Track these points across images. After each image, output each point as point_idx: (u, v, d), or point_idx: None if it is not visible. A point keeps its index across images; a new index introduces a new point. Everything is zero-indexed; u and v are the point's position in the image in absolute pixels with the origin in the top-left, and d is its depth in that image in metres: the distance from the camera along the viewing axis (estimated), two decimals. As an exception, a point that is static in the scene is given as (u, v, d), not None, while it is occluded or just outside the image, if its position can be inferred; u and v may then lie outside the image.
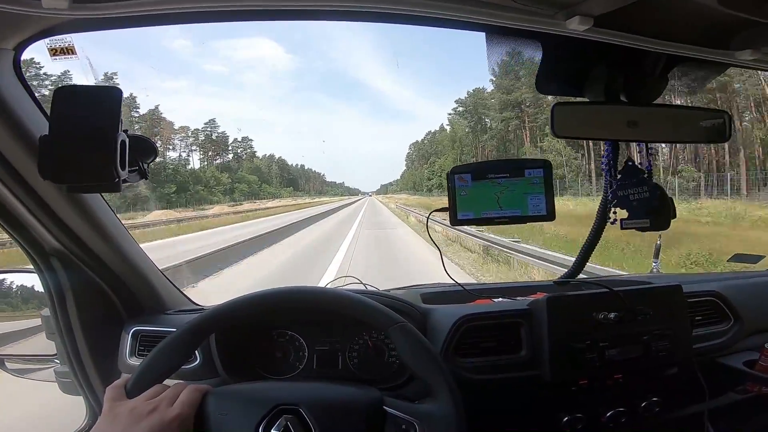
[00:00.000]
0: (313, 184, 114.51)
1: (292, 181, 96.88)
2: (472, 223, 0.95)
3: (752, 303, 1.16)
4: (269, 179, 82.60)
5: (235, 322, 0.85)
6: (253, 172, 75.61)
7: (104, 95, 0.71)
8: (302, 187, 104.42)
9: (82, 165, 0.70)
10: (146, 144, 0.83)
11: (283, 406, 0.68)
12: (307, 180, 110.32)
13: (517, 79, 46.74)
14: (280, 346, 1.05)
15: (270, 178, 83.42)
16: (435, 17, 0.74)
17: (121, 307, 1.08)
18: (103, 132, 0.69)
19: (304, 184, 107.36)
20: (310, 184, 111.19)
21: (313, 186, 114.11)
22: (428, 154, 74.83)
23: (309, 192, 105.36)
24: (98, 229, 0.95)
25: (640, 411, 0.99)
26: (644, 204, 0.99)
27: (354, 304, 0.81)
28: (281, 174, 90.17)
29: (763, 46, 0.81)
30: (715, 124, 0.95)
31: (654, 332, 0.95)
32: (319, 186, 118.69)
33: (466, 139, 55.45)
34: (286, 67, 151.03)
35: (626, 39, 0.79)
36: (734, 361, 1.08)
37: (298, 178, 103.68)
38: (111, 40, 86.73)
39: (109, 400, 0.68)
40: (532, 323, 0.96)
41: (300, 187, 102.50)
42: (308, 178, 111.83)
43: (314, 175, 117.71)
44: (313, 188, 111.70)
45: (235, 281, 7.68)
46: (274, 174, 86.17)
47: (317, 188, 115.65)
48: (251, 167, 75.81)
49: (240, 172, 71.59)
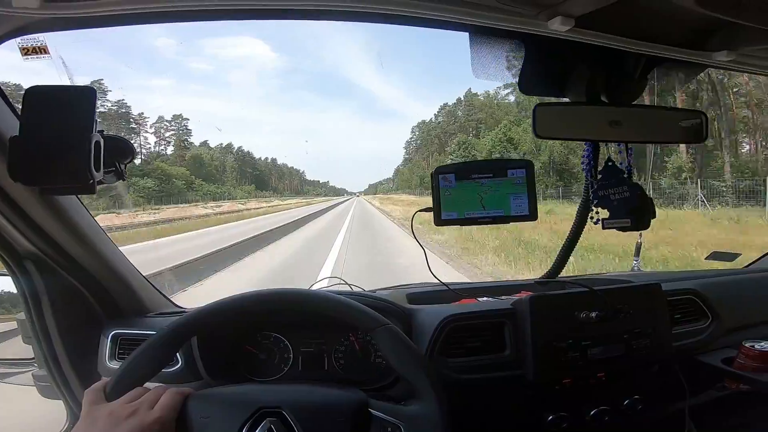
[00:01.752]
0: (290, 183, 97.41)
1: (258, 179, 79.69)
2: (456, 223, 0.95)
3: (729, 301, 1.19)
4: (217, 174, 63.23)
5: (218, 325, 0.84)
6: (192, 163, 55.98)
7: (78, 95, 0.69)
8: (274, 185, 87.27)
9: (55, 167, 0.68)
10: (123, 145, 0.81)
11: (266, 408, 0.67)
12: (280, 177, 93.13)
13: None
14: (265, 348, 1.04)
15: (218, 173, 64.25)
16: (419, 17, 0.74)
17: (99, 310, 1.06)
18: (77, 133, 0.68)
19: (277, 182, 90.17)
20: (284, 183, 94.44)
21: (290, 184, 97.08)
22: (448, 133, 55.09)
23: (282, 192, 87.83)
24: (74, 231, 0.93)
25: (622, 409, 1.01)
26: (625, 204, 1.00)
27: (339, 306, 0.81)
28: (241, 169, 73.14)
29: (739, 47, 0.83)
30: (693, 125, 0.97)
31: (635, 330, 0.96)
32: (298, 185, 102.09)
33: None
34: (274, 66, 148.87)
35: (607, 39, 0.80)
36: (713, 359, 1.10)
37: (268, 175, 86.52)
38: (95, 39, 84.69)
39: (88, 403, 0.67)
40: (516, 323, 0.97)
41: (270, 185, 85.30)
42: (282, 175, 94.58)
43: (290, 172, 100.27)
44: (288, 187, 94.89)
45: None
46: (229, 168, 68.78)
47: (295, 187, 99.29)
48: (189, 156, 56.64)
49: (156, 162, 48.51)
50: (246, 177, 73.60)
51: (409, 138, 71.45)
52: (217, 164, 65.09)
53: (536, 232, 9.92)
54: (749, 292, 1.29)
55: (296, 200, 71.16)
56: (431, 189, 0.96)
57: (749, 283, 1.35)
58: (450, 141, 52.48)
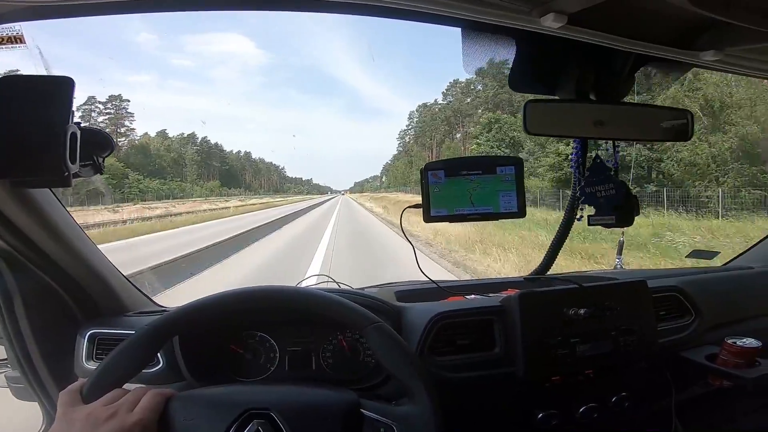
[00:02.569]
0: (267, 179, 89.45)
1: (227, 174, 72.13)
2: (445, 219, 0.95)
3: (710, 298, 1.21)
4: (171, 168, 56.18)
5: (201, 324, 0.81)
6: (134, 154, 49.59)
7: (54, 86, 0.67)
8: (248, 181, 79.79)
9: (28, 158, 0.66)
10: (101, 137, 0.79)
11: (253, 410, 0.66)
12: (256, 173, 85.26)
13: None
14: (250, 348, 1.02)
15: (175, 166, 57.31)
16: (412, 10, 0.74)
17: (76, 309, 1.02)
18: (52, 124, 0.65)
19: (251, 179, 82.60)
20: (260, 179, 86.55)
21: (267, 181, 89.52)
22: (462, 113, 46.78)
23: (257, 190, 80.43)
24: (48, 227, 0.89)
25: (610, 406, 1.01)
26: (610, 201, 1.01)
27: (328, 304, 0.79)
28: (206, 162, 64.86)
29: (726, 47, 0.84)
30: (679, 124, 0.98)
31: (621, 327, 0.97)
32: (276, 182, 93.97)
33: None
34: (259, 63, 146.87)
35: (598, 37, 0.81)
36: (696, 356, 1.11)
37: (240, 170, 79.22)
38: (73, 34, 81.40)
39: (64, 405, 0.64)
40: (505, 320, 0.97)
41: (243, 181, 77.95)
42: (258, 170, 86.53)
43: (267, 168, 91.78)
44: (266, 184, 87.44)
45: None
46: (189, 161, 60.41)
47: (274, 184, 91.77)
48: (129, 145, 50.01)
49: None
50: (213, 171, 66.47)
51: (406, 126, 62.68)
52: (175, 156, 58.25)
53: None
54: (729, 289, 1.32)
55: (265, 200, 61.08)
56: (420, 185, 0.95)
57: (729, 281, 1.38)
58: (466, 122, 44.95)
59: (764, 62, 0.94)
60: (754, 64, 0.95)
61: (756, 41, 0.79)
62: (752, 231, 10.10)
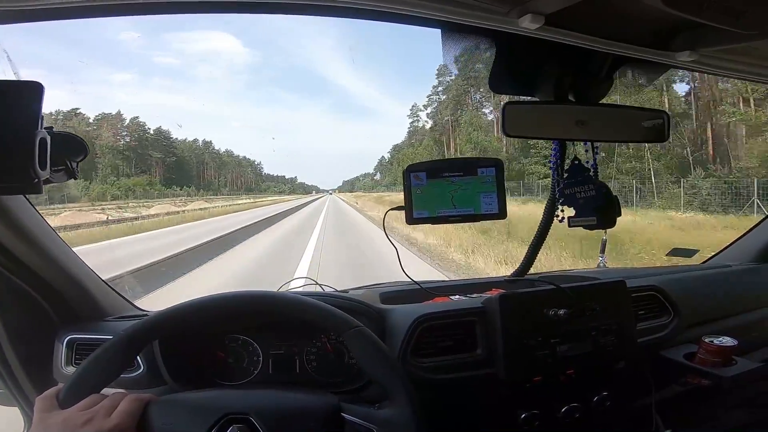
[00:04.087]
0: (237, 176, 74.64)
1: (177, 167, 57.83)
2: (428, 221, 0.95)
3: (688, 296, 1.22)
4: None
5: (180, 329, 0.80)
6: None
7: (21, 90, 0.65)
8: (207, 178, 65.49)
9: (-5, 165, 0.63)
10: (74, 142, 0.76)
11: (232, 415, 0.65)
12: (220, 167, 69.67)
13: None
14: (233, 351, 1.01)
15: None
16: (391, 12, 0.74)
17: (53, 314, 1.00)
18: (20, 129, 0.63)
19: (214, 174, 67.65)
20: (228, 175, 71.89)
21: (239, 178, 74.81)
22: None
23: (218, 189, 65.52)
24: (20, 232, 0.87)
25: (592, 405, 1.02)
26: (590, 202, 1.02)
27: (308, 308, 0.79)
28: (138, 152, 51.91)
29: (701, 48, 0.85)
30: (656, 124, 0.99)
31: (601, 327, 0.97)
32: (252, 180, 79.09)
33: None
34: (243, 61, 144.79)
35: (575, 38, 0.81)
36: (675, 354, 1.13)
37: (195, 164, 64.06)
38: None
39: (40, 411, 0.63)
40: (487, 321, 0.97)
41: (202, 177, 64.22)
42: (222, 164, 70.58)
43: (237, 162, 75.49)
44: (236, 182, 73.49)
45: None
46: (103, 150, 48.14)
47: (248, 182, 77.00)
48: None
49: None
50: (150, 165, 53.72)
51: (424, 103, 49.97)
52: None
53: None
54: (707, 288, 1.34)
55: (219, 203, 45.01)
56: (403, 188, 0.95)
57: (707, 280, 1.39)
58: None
59: (739, 62, 0.95)
60: (729, 65, 0.96)
61: (730, 42, 0.80)
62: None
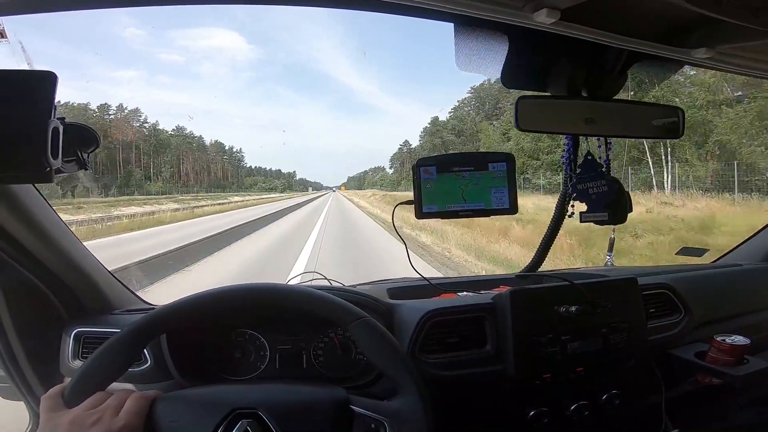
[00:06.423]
0: (220, 170, 67.42)
1: (110, 158, 50.80)
2: (437, 216, 0.94)
3: (699, 295, 1.21)
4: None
5: (187, 322, 0.80)
6: None
7: (35, 80, 0.65)
8: (168, 170, 58.55)
9: (7, 154, 0.63)
10: (86, 133, 0.77)
11: (240, 410, 0.65)
12: (197, 162, 62.25)
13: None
14: (240, 346, 1.01)
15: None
16: (404, 5, 0.72)
17: (61, 307, 0.99)
18: (33, 119, 0.63)
19: (176, 165, 59.32)
20: (186, 165, 62.18)
21: (204, 170, 65.66)
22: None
23: (168, 190, 56.03)
24: (30, 224, 0.87)
25: (601, 403, 1.01)
26: (603, 197, 1.01)
27: (314, 300, 0.78)
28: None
29: (718, 45, 0.84)
30: (670, 122, 0.98)
31: (612, 325, 0.97)
32: (229, 172, 71.59)
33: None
34: (247, 59, 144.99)
35: (591, 34, 0.80)
36: (686, 353, 1.12)
37: (127, 148, 55.38)
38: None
39: (46, 410, 0.62)
40: (497, 317, 0.97)
41: (159, 170, 57.65)
42: (168, 146, 60.53)
43: (200, 146, 65.63)
44: (200, 175, 64.66)
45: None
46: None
47: (235, 179, 70.62)
48: None
49: None
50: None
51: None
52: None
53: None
54: (718, 286, 1.33)
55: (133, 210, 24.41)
56: (412, 182, 0.94)
57: (718, 278, 1.38)
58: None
59: (755, 60, 0.94)
60: (746, 62, 0.94)
61: (747, 39, 0.79)
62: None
